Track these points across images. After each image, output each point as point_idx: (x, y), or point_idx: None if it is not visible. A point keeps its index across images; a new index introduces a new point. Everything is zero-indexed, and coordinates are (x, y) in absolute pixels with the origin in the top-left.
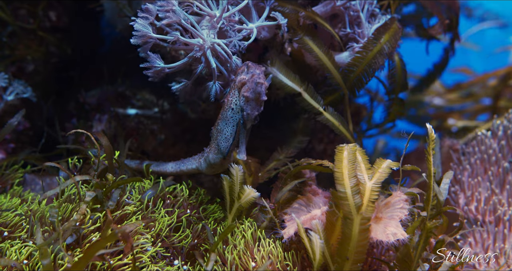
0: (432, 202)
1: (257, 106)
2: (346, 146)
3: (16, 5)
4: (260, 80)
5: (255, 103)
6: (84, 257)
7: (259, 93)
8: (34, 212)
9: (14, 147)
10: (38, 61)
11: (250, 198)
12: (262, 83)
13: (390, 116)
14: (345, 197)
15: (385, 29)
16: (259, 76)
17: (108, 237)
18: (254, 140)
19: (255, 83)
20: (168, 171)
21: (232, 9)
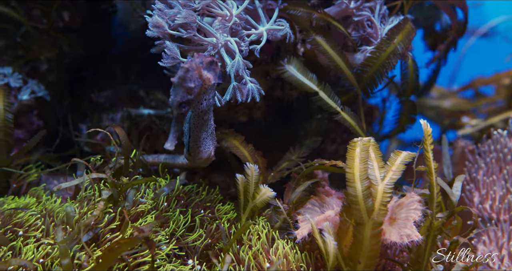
0: (437, 199)
1: (182, 93)
2: (360, 142)
3: (30, 6)
4: (185, 66)
5: (179, 88)
6: (106, 259)
7: (183, 78)
8: (49, 211)
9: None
10: (52, 61)
11: (265, 197)
12: (187, 69)
13: (401, 120)
14: (356, 200)
15: (399, 29)
16: (191, 64)
17: (131, 241)
18: (268, 141)
19: (183, 70)
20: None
21: (241, 7)
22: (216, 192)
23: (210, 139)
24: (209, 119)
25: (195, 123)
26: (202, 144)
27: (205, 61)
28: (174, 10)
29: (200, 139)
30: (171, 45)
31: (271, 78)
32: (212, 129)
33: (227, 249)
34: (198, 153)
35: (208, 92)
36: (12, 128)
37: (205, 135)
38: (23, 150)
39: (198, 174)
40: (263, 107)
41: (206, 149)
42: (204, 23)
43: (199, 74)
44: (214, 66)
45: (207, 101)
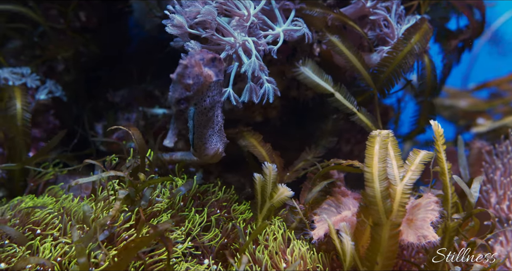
0: (452, 200)
1: (180, 90)
2: (379, 137)
3: (47, 6)
4: (184, 62)
5: (178, 85)
6: (124, 257)
7: (181, 75)
8: (67, 210)
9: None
10: (68, 61)
11: (283, 197)
12: (186, 65)
13: (420, 121)
14: (374, 201)
15: (416, 29)
16: (190, 60)
17: (147, 238)
18: (282, 140)
19: (181, 66)
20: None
21: (258, 7)
22: (231, 191)
23: (217, 135)
24: (214, 116)
25: (199, 120)
26: (208, 141)
27: (206, 58)
28: (194, 8)
29: (205, 135)
30: (194, 45)
31: (287, 78)
32: (219, 126)
33: (244, 249)
34: (204, 149)
35: (212, 89)
36: (29, 127)
37: (211, 132)
38: (43, 151)
39: (213, 174)
40: (278, 107)
41: (213, 146)
42: (223, 22)
43: (199, 71)
44: (217, 63)
45: (211, 98)
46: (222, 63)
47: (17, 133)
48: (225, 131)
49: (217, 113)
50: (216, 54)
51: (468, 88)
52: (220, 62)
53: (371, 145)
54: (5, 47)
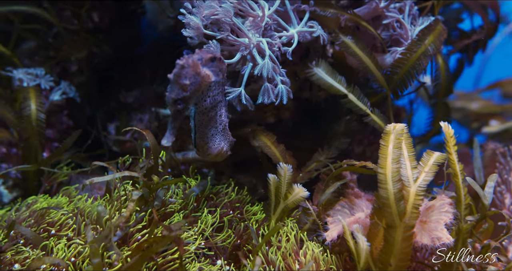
0: (465, 201)
1: (177, 90)
2: (393, 132)
3: (61, 6)
4: (180, 62)
5: (175, 85)
6: (138, 259)
7: (177, 75)
8: (81, 210)
9: (58, 146)
10: (81, 62)
11: (298, 197)
12: (182, 66)
13: (436, 123)
14: (387, 203)
15: (430, 30)
16: (188, 60)
17: (162, 241)
18: (294, 141)
19: (178, 66)
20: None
21: (273, 8)
22: (244, 192)
23: (221, 135)
24: (217, 115)
25: (200, 120)
26: (211, 140)
27: (205, 57)
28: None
29: (208, 135)
30: (216, 45)
31: (300, 79)
32: (223, 125)
33: (257, 251)
34: (207, 149)
35: (212, 89)
36: (44, 128)
37: (213, 131)
38: (58, 152)
39: (225, 175)
40: (291, 108)
41: (216, 145)
42: (239, 22)
43: (196, 71)
44: (217, 63)
45: (211, 98)
46: (223, 63)
47: (32, 134)
48: (238, 131)
49: (220, 113)
50: (216, 53)
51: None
52: (221, 62)
53: (385, 144)
54: (20, 48)
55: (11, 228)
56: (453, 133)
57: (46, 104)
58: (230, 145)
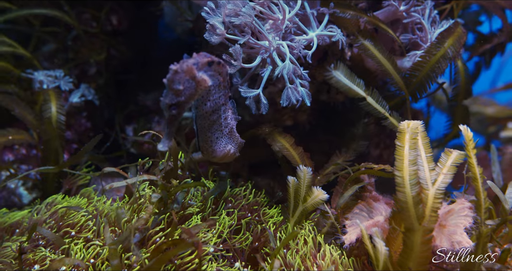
0: (484, 205)
1: (171, 95)
2: (408, 131)
3: (80, 9)
4: (174, 68)
5: (168, 90)
6: (157, 262)
7: (171, 80)
8: (100, 212)
9: (77, 148)
10: (100, 64)
11: (317, 200)
12: (176, 71)
13: (454, 127)
14: (406, 207)
15: (449, 33)
16: (182, 65)
17: (182, 244)
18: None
19: (171, 71)
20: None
21: (293, 11)
22: (262, 195)
23: (227, 137)
24: (221, 118)
25: (201, 124)
26: (215, 144)
27: (201, 62)
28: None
29: (211, 138)
30: (239, 49)
31: (317, 82)
32: (229, 128)
33: (275, 254)
34: (212, 152)
35: (212, 93)
36: (64, 130)
37: (218, 134)
38: (79, 154)
39: (242, 177)
40: (308, 110)
41: (221, 148)
42: (260, 25)
43: (191, 76)
44: (216, 66)
45: (212, 102)
46: (222, 66)
47: (52, 136)
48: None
49: (225, 116)
50: (214, 57)
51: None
52: (220, 65)
53: (400, 144)
54: (40, 50)
55: (33, 230)
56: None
57: (66, 106)
58: (239, 147)
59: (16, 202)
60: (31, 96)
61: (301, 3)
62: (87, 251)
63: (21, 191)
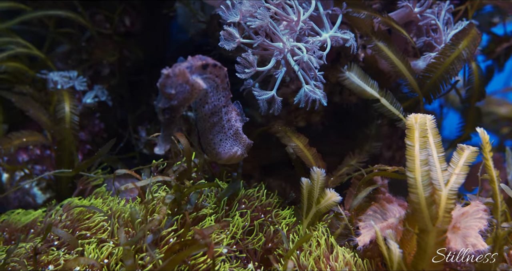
0: (501, 208)
1: (163, 98)
2: (416, 125)
3: (93, 11)
4: (165, 72)
5: (161, 94)
6: (170, 262)
7: (163, 84)
8: (115, 212)
9: (90, 148)
10: (113, 65)
11: (331, 202)
12: (167, 75)
13: (467, 128)
14: (419, 208)
15: (464, 34)
16: (174, 69)
17: (195, 246)
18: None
19: (163, 76)
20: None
21: (307, 12)
22: (275, 196)
23: (232, 139)
24: (223, 120)
25: (202, 126)
26: (219, 146)
27: (195, 65)
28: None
29: (214, 141)
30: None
31: (330, 83)
32: (234, 130)
33: (289, 255)
34: (216, 154)
35: (210, 95)
36: (78, 131)
37: (221, 137)
38: (95, 157)
39: (254, 178)
40: (321, 112)
41: (226, 150)
42: (275, 26)
43: (184, 80)
44: (212, 69)
45: (210, 104)
46: (219, 68)
47: (66, 137)
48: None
49: (228, 118)
50: (210, 60)
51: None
52: (216, 68)
53: (410, 143)
54: (54, 51)
55: (48, 230)
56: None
57: (79, 107)
58: (247, 148)
59: (31, 202)
60: (45, 97)
61: (314, 4)
62: (101, 251)
63: (35, 191)
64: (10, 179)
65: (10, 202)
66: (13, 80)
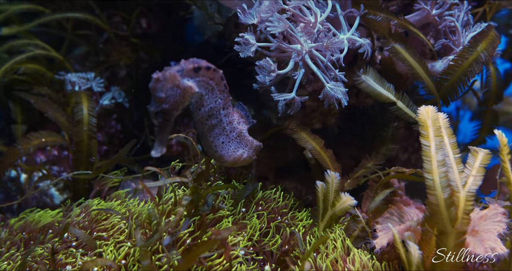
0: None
1: (154, 102)
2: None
3: (111, 12)
4: (155, 76)
5: (153, 97)
6: (185, 260)
7: (153, 88)
8: (132, 214)
9: (107, 149)
10: (130, 67)
11: (346, 206)
12: (157, 79)
13: (482, 131)
14: (438, 210)
15: (482, 37)
16: (164, 73)
17: (209, 243)
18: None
19: (153, 80)
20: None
21: (324, 14)
22: (291, 198)
23: (236, 142)
24: (222, 123)
25: (200, 129)
26: (221, 149)
27: (186, 69)
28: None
29: (215, 143)
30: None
31: (346, 86)
32: (237, 133)
33: (305, 257)
34: (219, 157)
35: (205, 98)
36: (95, 132)
37: (223, 139)
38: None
39: (270, 180)
40: (337, 114)
41: (230, 153)
42: (293, 28)
43: (174, 84)
44: (205, 72)
45: (206, 107)
46: (213, 71)
47: (84, 138)
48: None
49: (229, 120)
50: (203, 63)
51: None
52: (210, 70)
53: (426, 143)
54: (72, 53)
55: (65, 230)
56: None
57: (97, 108)
58: (256, 150)
59: (48, 202)
60: (63, 98)
61: (332, 5)
62: (118, 252)
63: (53, 191)
64: (28, 179)
65: (28, 202)
66: (32, 81)
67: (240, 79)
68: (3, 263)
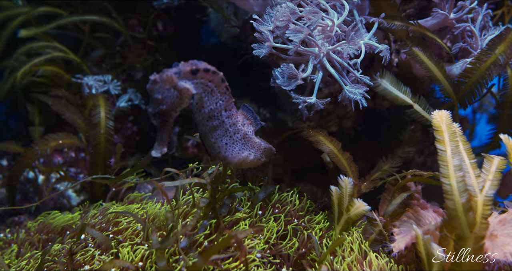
0: None
1: (151, 103)
2: (444, 126)
3: (127, 15)
4: (152, 78)
5: (150, 99)
6: (199, 260)
7: (151, 90)
8: (149, 216)
9: (123, 151)
10: (146, 69)
11: (360, 211)
12: (154, 81)
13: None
14: (456, 214)
15: (501, 39)
16: (162, 75)
17: (222, 242)
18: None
19: (150, 81)
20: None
21: (342, 17)
22: (307, 201)
23: (240, 144)
24: (225, 125)
25: (202, 130)
26: (225, 150)
27: (183, 71)
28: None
29: (218, 144)
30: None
31: None
32: (241, 135)
33: (322, 260)
34: (223, 158)
35: (204, 100)
36: (112, 135)
37: (226, 141)
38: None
39: (285, 183)
40: (353, 117)
41: (234, 155)
42: (312, 33)
43: (171, 85)
44: (204, 74)
45: (206, 108)
46: (212, 73)
47: (101, 141)
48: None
49: (232, 122)
50: (202, 65)
51: None
52: (208, 73)
53: (442, 148)
54: (89, 55)
55: (82, 231)
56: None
57: (113, 110)
58: (266, 153)
59: (65, 203)
60: (80, 100)
61: (349, 10)
62: (135, 254)
63: (70, 193)
64: (46, 181)
65: (45, 203)
66: (50, 83)
67: (256, 81)
68: (22, 262)
